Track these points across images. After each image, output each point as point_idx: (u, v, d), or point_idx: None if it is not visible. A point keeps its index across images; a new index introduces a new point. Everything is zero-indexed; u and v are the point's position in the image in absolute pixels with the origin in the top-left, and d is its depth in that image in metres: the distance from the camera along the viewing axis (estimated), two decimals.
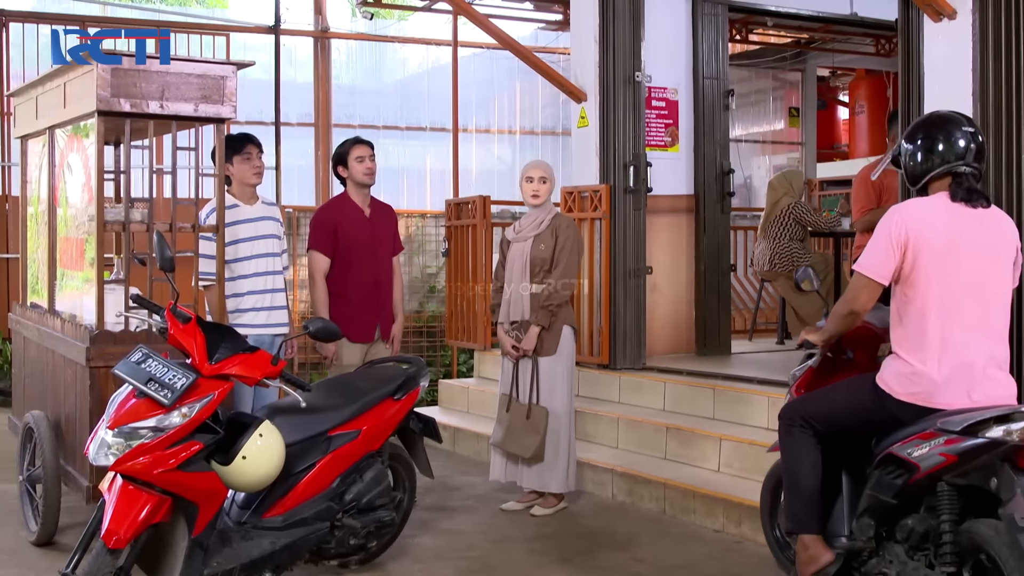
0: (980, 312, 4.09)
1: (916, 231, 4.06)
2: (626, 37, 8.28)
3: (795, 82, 15.55)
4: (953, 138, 4.19)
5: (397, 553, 5.72)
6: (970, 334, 4.05)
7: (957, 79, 5.90)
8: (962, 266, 4.07)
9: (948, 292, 4.05)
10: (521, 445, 6.47)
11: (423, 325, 12.62)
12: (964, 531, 3.78)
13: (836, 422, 4.32)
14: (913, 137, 4.29)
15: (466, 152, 14.12)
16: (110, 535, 4.21)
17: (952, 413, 3.90)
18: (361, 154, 6.67)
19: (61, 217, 6.26)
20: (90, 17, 12.28)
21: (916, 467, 3.88)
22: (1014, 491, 3.65)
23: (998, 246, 4.17)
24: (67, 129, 6.06)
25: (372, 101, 14.21)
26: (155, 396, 4.30)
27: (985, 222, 4.18)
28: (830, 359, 4.67)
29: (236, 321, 6.20)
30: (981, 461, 3.74)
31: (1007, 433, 3.68)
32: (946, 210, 4.14)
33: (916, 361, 4.06)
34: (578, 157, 8.73)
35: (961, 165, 4.17)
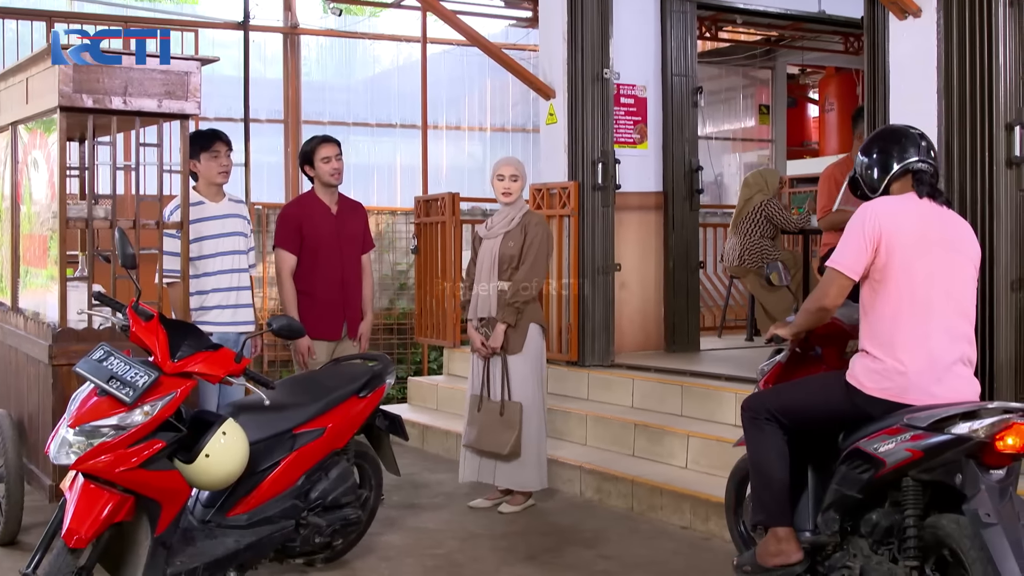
0: (950, 309, 4.12)
1: (888, 228, 4.10)
2: (594, 34, 8.28)
3: (765, 80, 15.61)
4: (905, 142, 4.31)
5: (364, 551, 5.70)
6: (941, 330, 4.08)
7: (922, 76, 5.92)
8: (933, 262, 4.10)
9: (920, 288, 4.08)
10: (497, 442, 6.44)
11: (393, 322, 12.60)
12: (928, 526, 3.80)
13: (804, 417, 4.33)
14: (868, 150, 4.40)
15: (436, 149, 14.08)
16: (71, 534, 4.18)
17: (920, 409, 3.92)
18: (327, 154, 6.65)
19: (25, 214, 6.20)
20: (56, 12, 12.15)
21: (882, 462, 3.90)
22: (978, 487, 3.67)
23: (964, 245, 4.22)
24: (30, 125, 6.00)
25: (342, 97, 14.16)
26: (117, 394, 4.27)
27: (949, 221, 4.25)
28: (798, 355, 4.68)
29: (201, 319, 6.15)
30: (946, 457, 3.77)
31: (972, 430, 3.70)
32: (916, 207, 4.19)
33: (887, 357, 4.07)
34: (547, 154, 8.73)
35: (917, 162, 4.24)
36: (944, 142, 5.84)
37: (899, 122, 5.94)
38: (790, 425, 4.34)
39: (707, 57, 14.48)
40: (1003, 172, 5.67)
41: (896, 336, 4.08)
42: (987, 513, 3.58)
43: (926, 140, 4.35)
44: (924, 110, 5.91)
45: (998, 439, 3.67)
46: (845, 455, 4.11)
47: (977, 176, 5.73)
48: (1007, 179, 5.68)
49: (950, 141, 5.82)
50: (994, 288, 5.69)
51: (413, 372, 11.80)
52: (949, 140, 5.83)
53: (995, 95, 5.65)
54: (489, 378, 6.58)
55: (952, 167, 5.82)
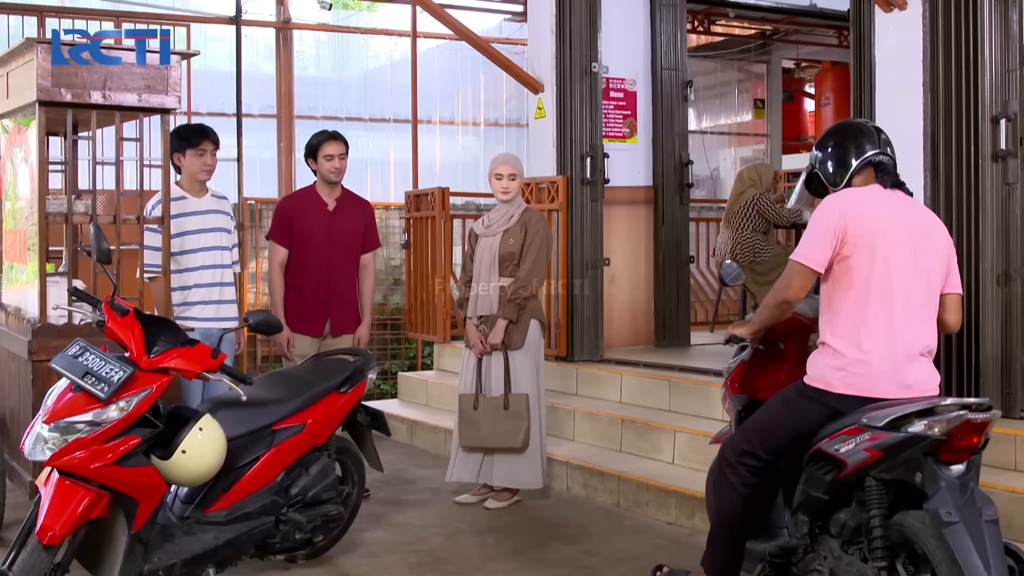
0: (915, 299, 4.07)
1: (854, 219, 4.04)
2: (583, 28, 8.26)
3: (760, 74, 15.56)
4: (862, 135, 4.24)
5: (347, 547, 5.68)
6: (906, 320, 4.03)
7: (908, 69, 5.91)
8: (898, 252, 4.04)
9: (884, 279, 4.03)
10: (506, 437, 6.39)
11: (387, 318, 12.55)
12: (894, 524, 3.75)
13: (779, 443, 4.23)
14: (824, 145, 4.32)
15: (430, 144, 14.05)
16: (45, 531, 4.14)
17: (877, 408, 3.86)
18: (331, 152, 6.64)
19: (9, 210, 6.18)
20: (48, 7, 12.10)
21: (844, 463, 3.86)
22: (938, 484, 3.64)
23: (931, 235, 4.17)
24: (11, 120, 5.98)
25: (335, 92, 14.12)
26: (92, 390, 4.24)
27: (915, 211, 4.20)
28: (762, 351, 4.64)
29: (184, 314, 6.13)
30: (905, 456, 3.72)
31: (929, 427, 3.66)
32: (881, 197, 4.14)
33: (849, 349, 4.02)
34: (535, 148, 8.71)
35: (878, 153, 4.19)
36: (930, 135, 5.83)
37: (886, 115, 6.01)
38: (767, 455, 4.23)
39: (701, 51, 14.45)
40: (989, 166, 5.66)
41: (860, 327, 4.03)
42: (948, 512, 3.54)
43: (883, 133, 4.29)
44: (910, 103, 5.90)
45: (955, 435, 3.64)
46: (809, 456, 4.07)
47: (963, 170, 5.71)
48: (992, 173, 5.66)
49: (936, 134, 5.80)
50: (979, 282, 5.68)
51: (407, 368, 11.77)
52: (935, 133, 5.81)
53: (981, 88, 5.63)
54: (483, 376, 6.55)
55: (938, 161, 5.80)
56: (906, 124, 5.89)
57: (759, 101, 15.65)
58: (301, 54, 14.00)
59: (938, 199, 5.80)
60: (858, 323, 4.04)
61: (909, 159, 5.86)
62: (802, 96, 17.17)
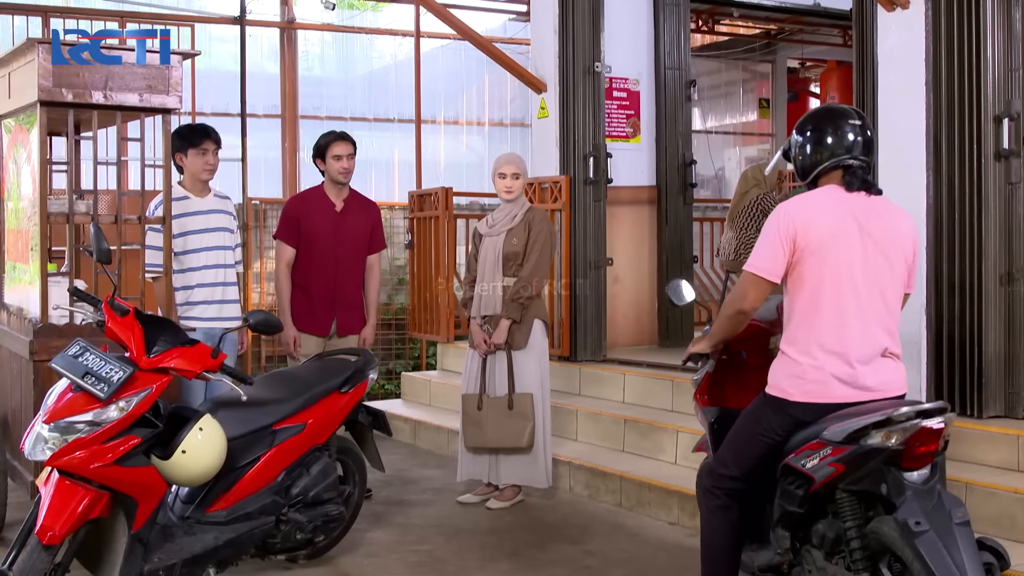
0: (870, 302, 3.97)
1: (803, 225, 3.94)
2: (586, 27, 8.24)
3: (765, 73, 15.52)
4: (841, 131, 4.07)
5: (348, 547, 5.68)
6: (861, 325, 3.94)
7: (910, 69, 5.88)
8: (852, 256, 3.95)
9: (837, 284, 3.94)
10: (511, 437, 6.40)
11: (392, 318, 12.55)
12: (870, 533, 3.72)
13: (753, 460, 4.15)
14: (803, 129, 4.18)
15: (434, 144, 14.04)
16: (44, 531, 4.15)
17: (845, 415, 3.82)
18: (339, 152, 6.66)
19: (12, 209, 6.19)
20: (52, 8, 12.11)
21: (811, 478, 3.84)
22: (904, 494, 3.61)
23: (891, 235, 4.05)
24: (14, 120, 5.98)
25: (340, 92, 14.10)
26: (91, 390, 4.24)
27: (877, 211, 4.06)
28: (725, 361, 4.59)
29: (187, 314, 6.14)
30: (869, 467, 3.70)
31: (886, 438, 3.63)
32: (836, 201, 4.02)
33: (804, 357, 3.95)
34: (538, 148, 8.70)
35: (849, 158, 4.05)
36: (932, 135, 5.80)
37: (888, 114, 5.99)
38: (744, 478, 4.17)
39: (706, 51, 14.43)
40: (991, 165, 5.63)
41: (812, 334, 3.95)
42: (917, 521, 3.50)
43: (864, 130, 4.11)
44: (912, 103, 5.87)
45: (912, 444, 3.62)
46: (780, 470, 4.04)
47: (965, 169, 5.68)
48: (995, 172, 5.64)
49: (938, 134, 5.78)
50: (982, 282, 5.66)
51: (412, 367, 11.77)
52: (937, 133, 5.78)
53: (983, 87, 5.61)
54: (487, 376, 6.54)
55: (940, 160, 5.78)
56: (908, 123, 5.89)
57: (764, 101, 15.61)
58: (305, 54, 14.00)
59: (940, 199, 5.78)
60: (810, 330, 3.96)
61: (911, 158, 5.88)
62: (807, 96, 17.12)
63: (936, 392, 5.85)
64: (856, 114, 4.16)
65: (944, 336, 5.80)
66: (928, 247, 5.83)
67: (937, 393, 5.84)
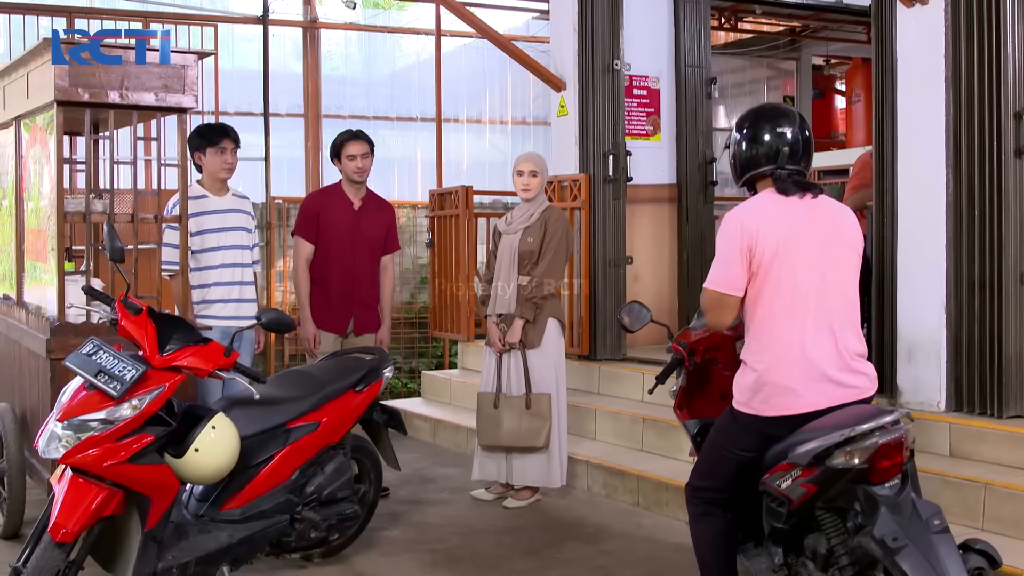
0: (827, 306, 3.90)
1: (757, 234, 3.87)
2: (605, 25, 8.21)
3: (790, 71, 15.43)
4: (772, 136, 3.99)
5: (364, 546, 5.68)
6: (822, 329, 3.87)
7: (929, 65, 5.84)
8: (805, 261, 3.87)
9: (791, 293, 3.86)
10: (528, 436, 6.40)
11: (415, 316, 12.56)
12: (856, 547, 3.66)
13: (729, 471, 4.09)
14: (739, 128, 4.11)
15: (457, 143, 14.07)
16: (57, 529, 4.17)
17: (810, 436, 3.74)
18: (354, 152, 6.68)
19: (32, 209, 6.22)
20: (77, 8, 12.19)
21: (788, 499, 3.80)
22: (877, 510, 3.55)
23: (838, 235, 3.97)
24: (32, 120, 6.01)
25: (362, 91, 14.15)
26: (104, 388, 4.26)
27: (819, 212, 3.98)
28: (697, 371, 4.52)
29: (204, 312, 6.17)
30: (838, 487, 3.67)
31: (848, 458, 3.59)
32: (779, 206, 3.94)
33: (768, 369, 3.87)
34: (557, 146, 8.68)
35: (776, 169, 3.97)
36: (952, 132, 5.76)
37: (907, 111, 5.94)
38: (726, 491, 4.11)
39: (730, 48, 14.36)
40: (1012, 162, 5.58)
41: (770, 344, 3.87)
42: (893, 537, 3.45)
43: (800, 132, 4.01)
44: (931, 99, 5.83)
45: (876, 460, 3.57)
46: (762, 489, 3.99)
47: (985, 166, 5.63)
48: (1015, 169, 5.59)
49: (958, 131, 5.73)
50: (1002, 280, 5.60)
51: (434, 366, 11.77)
52: (957, 130, 5.73)
53: (1003, 84, 5.56)
54: (502, 374, 6.54)
55: (960, 157, 5.73)
56: (927, 120, 5.84)
57: (788, 98, 15.51)
58: (328, 53, 14.04)
59: (960, 196, 5.73)
60: (768, 340, 3.88)
61: (930, 155, 5.83)
62: (833, 93, 17.03)
63: (955, 392, 5.81)
64: (789, 118, 4.06)
65: (963, 335, 5.75)
66: (947, 245, 5.79)
67: (956, 393, 5.80)
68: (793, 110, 4.18)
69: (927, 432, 5.78)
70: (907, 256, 6.00)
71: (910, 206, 5.98)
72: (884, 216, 6.14)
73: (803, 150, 4.02)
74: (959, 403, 5.80)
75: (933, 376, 5.88)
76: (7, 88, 6.35)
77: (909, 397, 5.97)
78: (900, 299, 6.03)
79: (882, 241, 6.16)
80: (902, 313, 6.02)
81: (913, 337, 5.97)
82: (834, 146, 16.19)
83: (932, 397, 5.89)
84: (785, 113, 4.11)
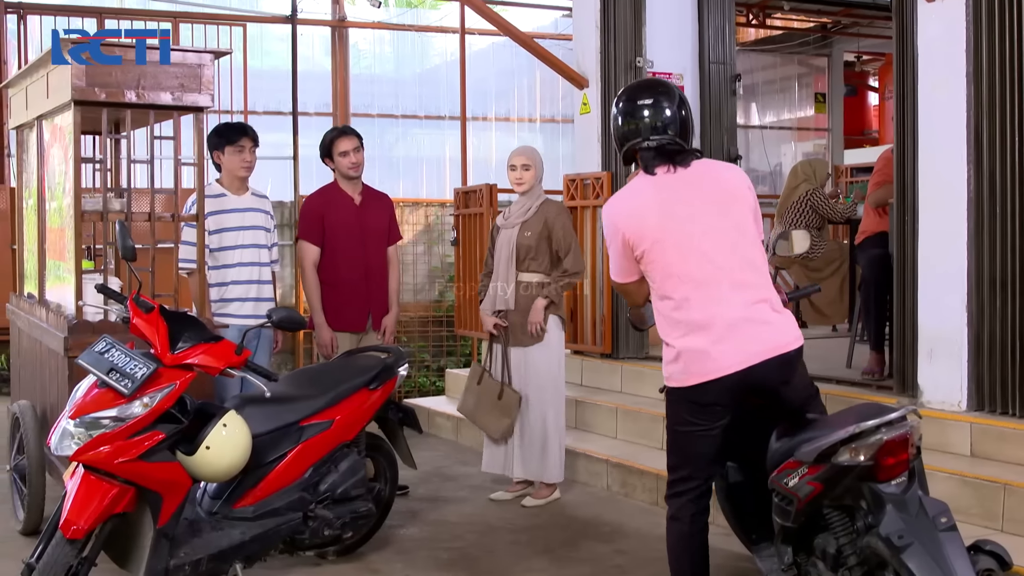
0: (728, 261, 3.88)
1: (628, 227, 3.95)
2: (627, 22, 8.18)
3: (821, 68, 15.33)
4: (635, 110, 4.02)
5: (380, 543, 5.69)
6: (726, 288, 3.87)
7: (951, 61, 5.76)
8: (683, 235, 3.89)
9: (685, 262, 3.90)
10: (491, 425, 6.52)
11: (443, 315, 12.56)
12: (865, 548, 3.64)
13: (698, 457, 4.08)
14: (616, 102, 4.14)
15: (485, 141, 14.06)
16: (68, 525, 4.20)
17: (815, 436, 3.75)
18: (345, 148, 6.66)
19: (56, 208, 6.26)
20: (107, 9, 12.30)
21: (795, 497, 3.79)
22: (884, 508, 3.54)
23: (718, 191, 3.96)
24: (52, 119, 6.06)
25: (391, 90, 14.17)
26: (115, 386, 4.29)
27: (693, 178, 3.96)
28: None
29: (222, 311, 6.19)
30: (845, 484, 3.66)
31: (853, 455, 3.58)
32: (648, 188, 3.97)
33: (676, 342, 3.93)
34: (580, 144, 8.66)
35: (643, 141, 4.00)
36: (974, 128, 5.68)
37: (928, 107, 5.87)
38: (699, 474, 4.10)
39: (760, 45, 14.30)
40: None
41: (671, 319, 3.95)
42: (899, 535, 3.45)
43: (664, 104, 4.01)
44: (953, 95, 5.76)
45: (881, 457, 3.55)
46: (770, 488, 3.97)
47: (1007, 162, 5.55)
48: None
49: (979, 127, 5.65)
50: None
51: (462, 364, 11.76)
52: (979, 126, 5.66)
53: None
54: (493, 358, 6.59)
55: (982, 153, 5.65)
56: (949, 116, 5.77)
57: (820, 95, 15.43)
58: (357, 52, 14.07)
59: (982, 193, 5.65)
60: (668, 316, 3.97)
61: (952, 152, 5.76)
62: (866, 90, 16.91)
63: (977, 391, 5.73)
64: (654, 90, 4.09)
65: (985, 333, 5.67)
66: (969, 242, 5.71)
67: (978, 392, 5.73)
68: (664, 83, 4.19)
69: (947, 431, 5.72)
70: (928, 253, 5.92)
71: (931, 202, 5.91)
72: (905, 212, 6.08)
73: (671, 121, 3.99)
74: (980, 402, 5.73)
75: (954, 375, 5.80)
76: (29, 88, 6.41)
77: (930, 396, 5.90)
78: (921, 296, 5.96)
79: (903, 238, 6.10)
80: (923, 310, 5.95)
81: (934, 335, 5.89)
82: (867, 143, 16.09)
83: (953, 396, 5.81)
84: (650, 86, 4.18)
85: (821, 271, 9.16)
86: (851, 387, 6.62)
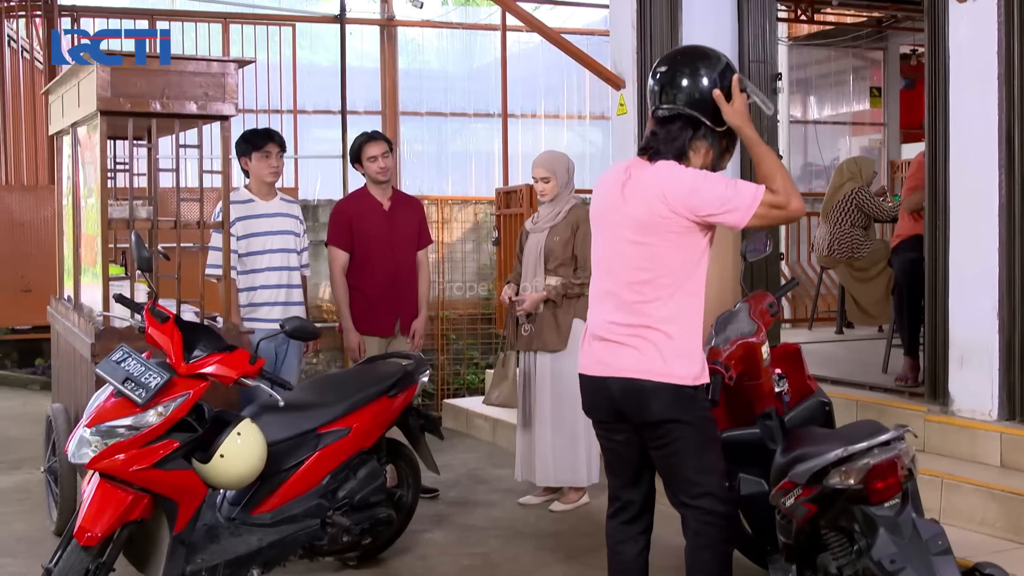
0: (613, 277, 3.80)
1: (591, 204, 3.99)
2: (664, 20, 8.09)
3: (877, 61, 15.11)
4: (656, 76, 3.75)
5: (403, 548, 5.72)
6: (599, 300, 3.88)
7: (982, 61, 5.65)
8: (603, 233, 3.87)
9: (597, 263, 3.92)
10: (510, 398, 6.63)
11: (492, 312, 12.57)
12: (864, 571, 3.59)
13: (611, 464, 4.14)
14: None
15: (534, 138, 14.05)
16: (82, 532, 4.27)
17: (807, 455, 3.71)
18: (373, 153, 6.66)
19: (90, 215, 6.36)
20: (158, 11, 12.49)
21: (792, 517, 3.75)
22: (876, 531, 3.50)
23: (636, 198, 3.69)
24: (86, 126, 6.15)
25: (440, 87, 14.21)
26: (130, 395, 4.35)
27: (635, 176, 3.73)
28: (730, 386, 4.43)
29: (251, 316, 6.24)
30: (837, 507, 3.62)
31: (843, 478, 3.53)
32: (610, 179, 3.86)
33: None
34: (617, 145, 8.61)
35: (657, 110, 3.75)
36: (1005, 129, 5.58)
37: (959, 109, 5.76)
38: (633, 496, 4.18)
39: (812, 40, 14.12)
40: None
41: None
42: (891, 560, 3.40)
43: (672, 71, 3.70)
44: (984, 96, 5.66)
45: (871, 480, 3.50)
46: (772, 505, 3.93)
47: None
48: None
49: (1011, 128, 5.54)
50: None
51: None
52: (1011, 127, 5.55)
53: None
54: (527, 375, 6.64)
55: (1014, 156, 5.54)
56: (980, 118, 5.67)
57: (875, 89, 15.21)
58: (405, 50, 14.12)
59: (1013, 197, 5.54)
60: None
61: (984, 155, 5.65)
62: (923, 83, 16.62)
63: (1008, 400, 5.63)
64: (668, 58, 3.81)
65: (1016, 341, 5.56)
66: (1000, 247, 5.60)
67: (1009, 401, 5.62)
68: (692, 53, 3.82)
69: (977, 441, 5.63)
70: (959, 258, 5.82)
71: (962, 207, 5.80)
72: (936, 218, 5.98)
73: (669, 85, 3.69)
74: (1012, 411, 5.62)
75: (985, 382, 5.69)
76: (64, 96, 6.51)
77: (960, 404, 5.80)
78: (952, 302, 5.86)
79: (935, 242, 5.99)
80: (954, 316, 5.85)
81: (965, 341, 5.79)
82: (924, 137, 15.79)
83: (984, 405, 5.70)
84: (679, 54, 3.90)
85: (867, 271, 9.02)
86: (883, 393, 6.53)
